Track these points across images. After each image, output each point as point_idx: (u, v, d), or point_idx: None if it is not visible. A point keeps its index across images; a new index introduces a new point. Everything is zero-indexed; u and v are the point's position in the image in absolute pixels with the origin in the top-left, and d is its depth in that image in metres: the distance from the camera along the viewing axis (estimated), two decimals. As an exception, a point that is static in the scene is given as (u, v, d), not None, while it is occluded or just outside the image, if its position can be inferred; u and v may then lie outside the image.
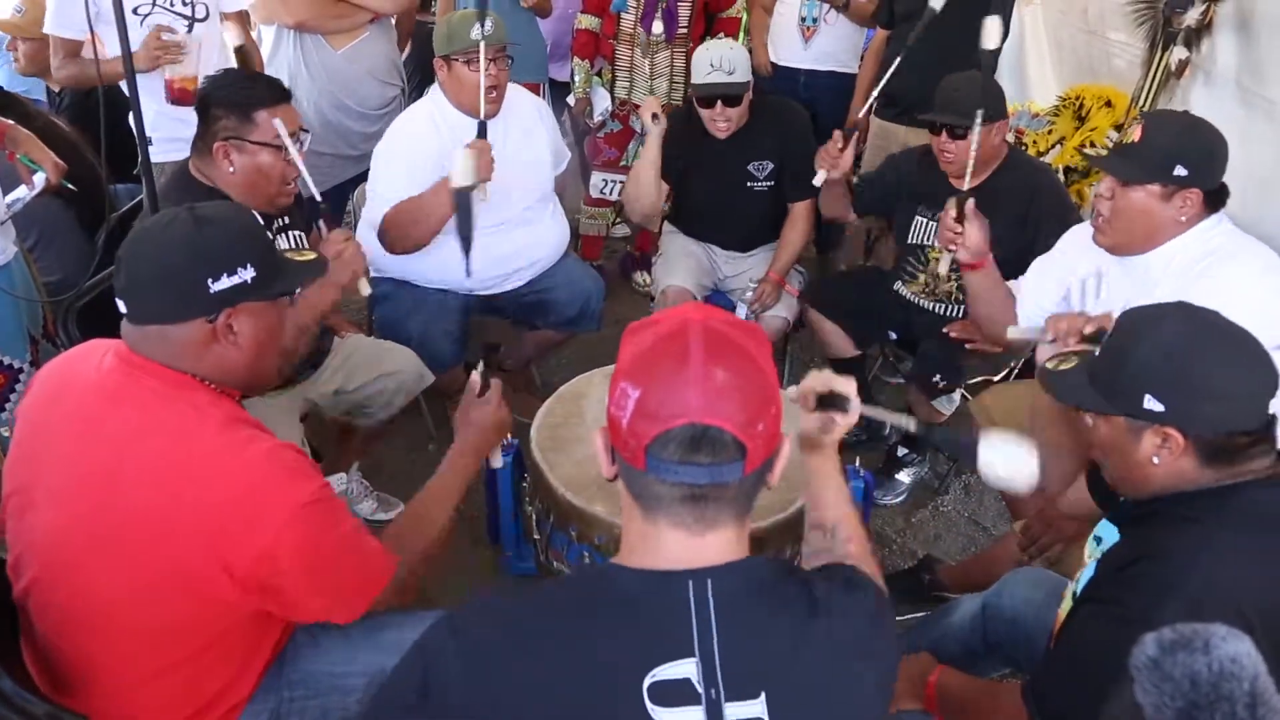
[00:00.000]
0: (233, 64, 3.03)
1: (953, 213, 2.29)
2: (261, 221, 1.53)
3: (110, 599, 1.35)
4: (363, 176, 3.20)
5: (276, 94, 2.14)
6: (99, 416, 1.37)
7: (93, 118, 2.62)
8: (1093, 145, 3.33)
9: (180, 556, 1.31)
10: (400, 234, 2.70)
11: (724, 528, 1.04)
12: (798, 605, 1.05)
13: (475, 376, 1.81)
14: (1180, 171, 1.86)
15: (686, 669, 0.99)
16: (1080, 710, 1.27)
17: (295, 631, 1.61)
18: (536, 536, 2.24)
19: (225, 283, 1.38)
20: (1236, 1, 2.77)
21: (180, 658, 1.40)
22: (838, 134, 2.70)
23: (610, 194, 3.85)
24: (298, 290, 2.08)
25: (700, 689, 0.98)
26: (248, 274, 1.40)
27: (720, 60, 2.86)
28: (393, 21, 3.41)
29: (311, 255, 1.64)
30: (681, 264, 3.20)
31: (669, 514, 1.03)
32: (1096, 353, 1.45)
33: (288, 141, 2.09)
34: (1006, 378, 2.80)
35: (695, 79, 2.94)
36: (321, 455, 2.71)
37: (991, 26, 2.33)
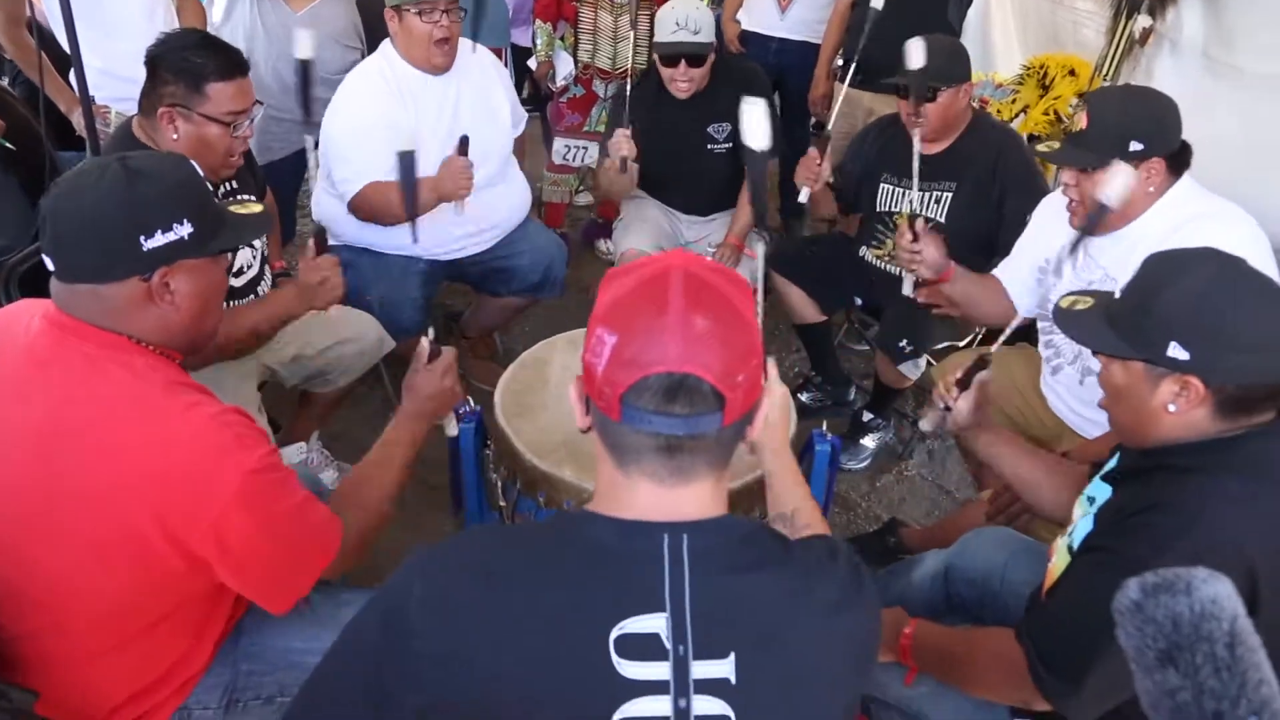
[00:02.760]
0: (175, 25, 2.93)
1: (908, 235, 2.29)
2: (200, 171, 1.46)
3: (52, 574, 1.30)
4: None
5: (232, 67, 2.04)
6: (28, 383, 1.30)
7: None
8: (1056, 115, 3.34)
9: (124, 528, 1.26)
10: (370, 215, 2.68)
11: (700, 480, 1.01)
12: (774, 567, 1.03)
13: (424, 343, 1.78)
14: (1136, 146, 1.87)
15: (656, 623, 0.96)
16: (1080, 656, 1.29)
17: (254, 604, 1.57)
18: (502, 504, 2.21)
19: (160, 240, 1.31)
20: (1201, -31, 2.79)
21: (132, 633, 1.35)
22: (813, 151, 2.68)
23: (573, 160, 3.80)
24: (239, 247, 2.03)
25: (669, 645, 0.96)
26: (184, 230, 1.34)
27: (686, 19, 2.83)
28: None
29: (257, 208, 1.55)
30: (642, 227, 3.18)
31: (642, 465, 1.00)
32: (1116, 295, 1.42)
33: None
34: (971, 344, 2.81)
35: (659, 37, 2.91)
36: (279, 424, 2.66)
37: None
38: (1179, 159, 1.92)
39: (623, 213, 3.32)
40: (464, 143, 2.54)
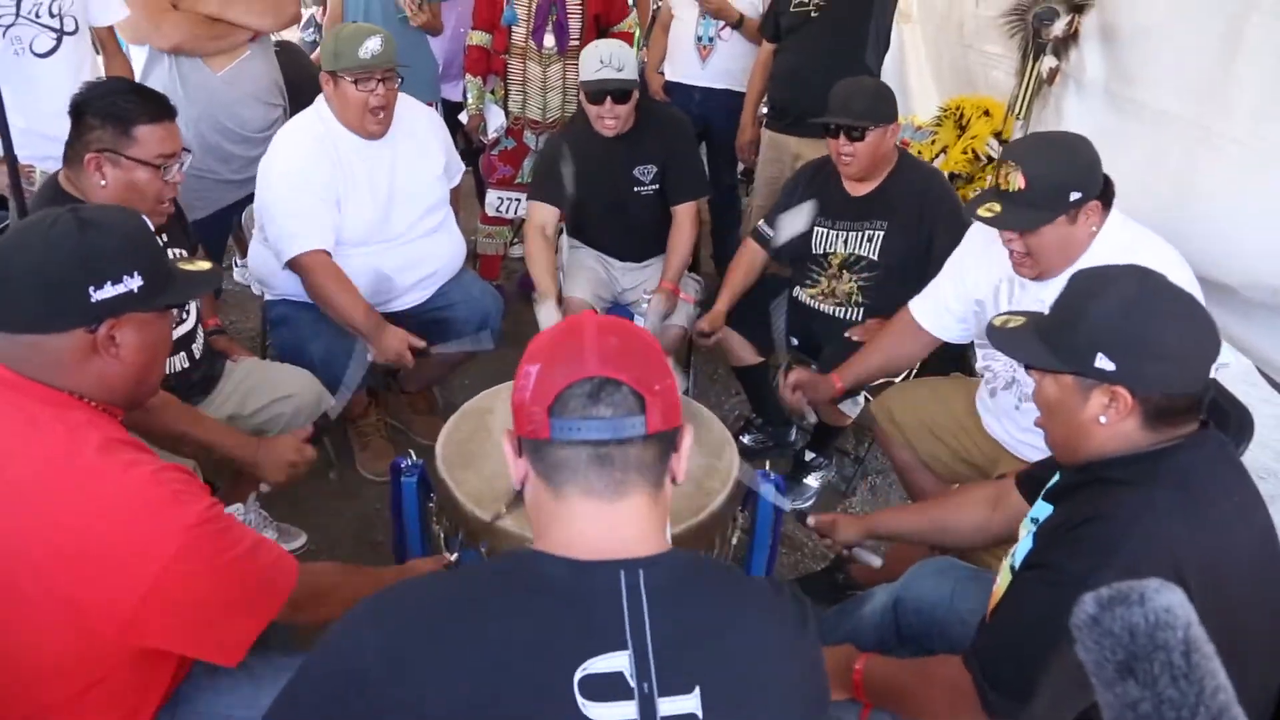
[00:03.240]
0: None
1: (786, 384, 2.52)
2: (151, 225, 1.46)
3: None
4: (248, 199, 3.09)
5: (159, 110, 2.04)
6: None
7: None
8: (975, 154, 3.46)
9: (56, 590, 1.21)
10: (308, 287, 2.67)
11: (635, 494, 1.03)
12: (727, 598, 1.05)
13: (453, 557, 1.85)
14: (1075, 196, 1.92)
15: (619, 662, 0.97)
16: (1026, 674, 1.30)
17: (193, 670, 1.51)
18: (450, 558, 2.17)
19: (109, 291, 1.31)
20: (1099, 13, 2.93)
21: (59, 699, 1.29)
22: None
23: (506, 212, 3.82)
24: (187, 304, 2.01)
25: (633, 683, 0.96)
26: (134, 283, 1.33)
27: (610, 57, 2.89)
28: (273, 39, 3.31)
29: (206, 265, 1.55)
30: (579, 275, 3.20)
31: (577, 481, 1.03)
32: (1045, 313, 1.46)
33: None
34: (906, 378, 2.86)
35: (584, 75, 2.96)
36: (216, 486, 2.58)
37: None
38: (1107, 194, 1.99)
39: (560, 263, 3.33)
40: (426, 352, 2.68)
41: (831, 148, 2.73)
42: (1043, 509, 1.49)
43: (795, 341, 3.11)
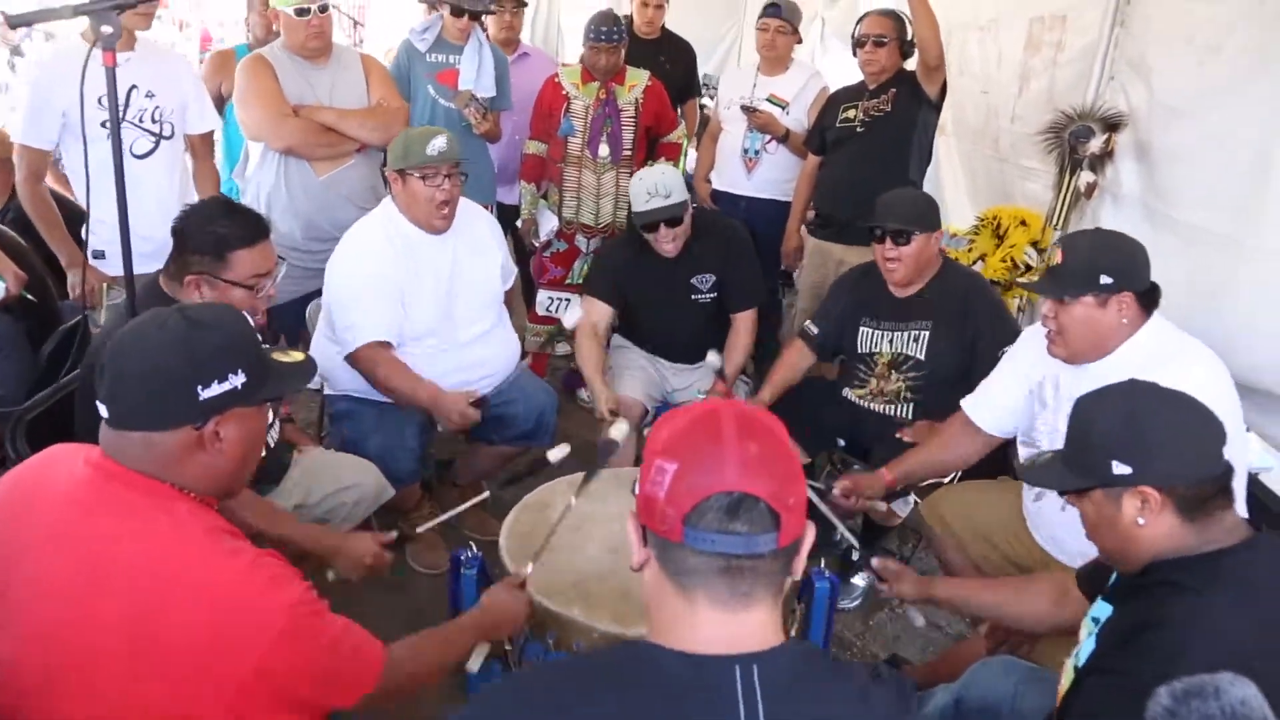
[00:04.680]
0: (191, 193, 3.05)
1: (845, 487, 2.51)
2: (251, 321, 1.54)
3: None
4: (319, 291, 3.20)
5: (253, 233, 2.14)
6: (71, 529, 1.32)
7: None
8: (1013, 262, 3.56)
9: (164, 676, 1.25)
10: (369, 377, 2.75)
11: (760, 605, 1.06)
12: (841, 691, 1.07)
13: (523, 571, 1.93)
14: (1105, 280, 2.03)
15: None
16: None
17: None
18: (508, 648, 2.19)
19: (215, 390, 1.36)
20: (1133, 132, 3.06)
21: None
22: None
23: (555, 311, 3.93)
24: (284, 396, 2.09)
25: None
26: (238, 380, 1.39)
27: (656, 186, 3.01)
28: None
29: (299, 356, 1.62)
30: (628, 375, 3.26)
31: (706, 589, 1.04)
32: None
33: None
34: (954, 480, 2.89)
35: (636, 208, 3.08)
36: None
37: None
38: (1149, 297, 2.08)
39: (610, 362, 3.40)
40: (483, 402, 2.72)
41: (877, 253, 2.83)
42: (1103, 609, 1.53)
43: (841, 442, 3.15)
